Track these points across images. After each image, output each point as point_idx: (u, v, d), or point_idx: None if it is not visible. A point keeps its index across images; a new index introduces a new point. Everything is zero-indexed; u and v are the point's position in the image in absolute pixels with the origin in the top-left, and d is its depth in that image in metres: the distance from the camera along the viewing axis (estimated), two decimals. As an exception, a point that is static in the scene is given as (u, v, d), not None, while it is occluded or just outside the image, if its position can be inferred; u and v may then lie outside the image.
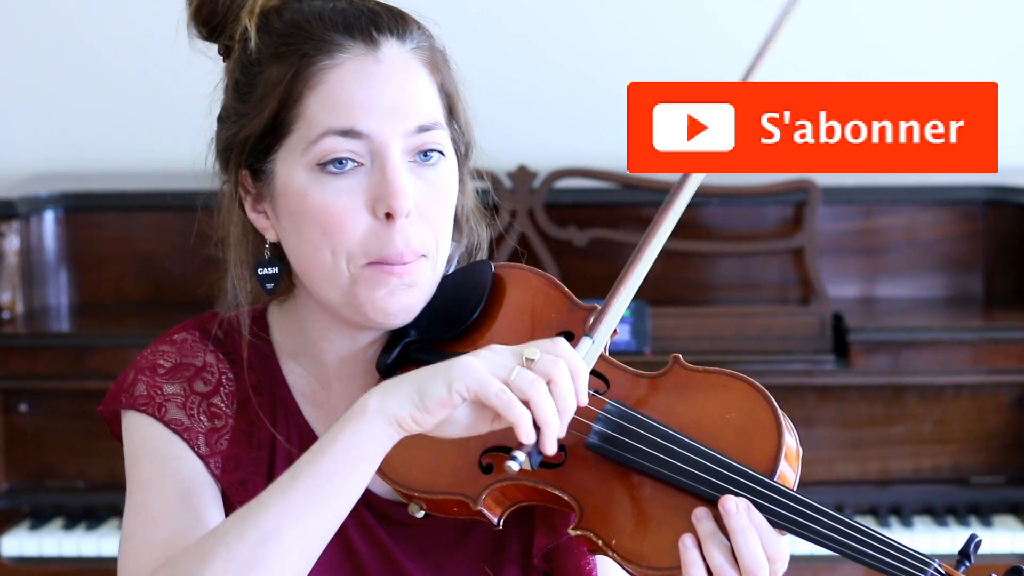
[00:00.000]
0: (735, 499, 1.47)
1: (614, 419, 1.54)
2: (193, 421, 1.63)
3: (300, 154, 1.57)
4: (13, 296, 3.40)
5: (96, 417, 1.76)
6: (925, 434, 3.25)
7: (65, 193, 3.52)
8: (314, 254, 1.58)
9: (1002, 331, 3.26)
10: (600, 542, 1.50)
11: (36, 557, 3.18)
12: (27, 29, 3.78)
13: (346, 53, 1.57)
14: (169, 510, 1.60)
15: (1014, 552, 3.16)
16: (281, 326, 1.70)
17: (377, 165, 1.56)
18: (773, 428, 1.52)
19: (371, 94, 1.56)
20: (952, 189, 3.49)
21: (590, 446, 1.54)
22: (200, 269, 1.81)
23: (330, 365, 1.66)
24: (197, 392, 1.65)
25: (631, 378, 1.59)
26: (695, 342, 3.26)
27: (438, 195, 1.59)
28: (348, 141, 1.55)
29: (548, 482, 1.54)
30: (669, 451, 1.51)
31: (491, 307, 1.65)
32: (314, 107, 1.56)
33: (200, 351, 1.67)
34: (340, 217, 1.55)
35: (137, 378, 1.65)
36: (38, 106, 3.80)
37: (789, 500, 1.48)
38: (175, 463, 1.62)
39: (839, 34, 3.71)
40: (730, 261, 3.46)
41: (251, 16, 1.62)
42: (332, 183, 1.56)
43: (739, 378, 1.56)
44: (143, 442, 1.64)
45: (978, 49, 3.75)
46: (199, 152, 1.73)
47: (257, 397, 1.66)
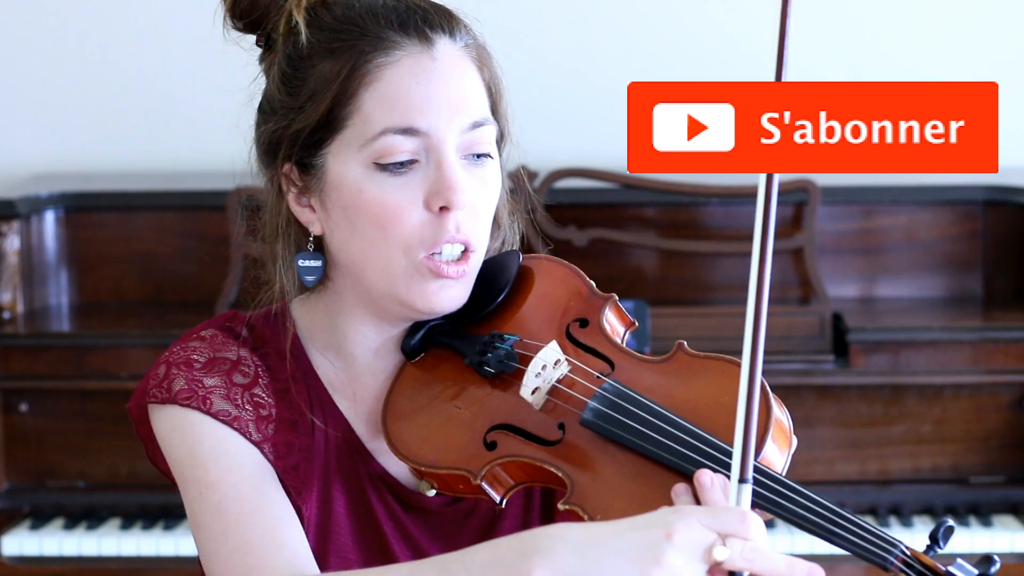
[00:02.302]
0: (711, 473, 1.47)
1: (609, 396, 1.57)
2: (240, 410, 1.64)
3: (356, 150, 1.60)
4: (13, 296, 3.40)
5: (97, 417, 1.76)
6: (924, 434, 3.25)
7: (65, 193, 3.52)
8: (368, 247, 1.61)
9: (1001, 331, 3.26)
10: (586, 517, 1.52)
11: (36, 557, 3.18)
12: (27, 29, 3.78)
13: (402, 51, 1.60)
14: (251, 507, 1.59)
15: (1014, 552, 3.16)
16: (307, 320, 1.72)
17: (433, 162, 1.60)
18: (764, 412, 1.53)
19: (428, 92, 1.59)
20: (952, 189, 3.49)
21: (584, 422, 1.57)
22: (200, 269, 1.81)
23: (360, 357, 1.69)
24: (237, 384, 1.65)
25: (636, 362, 1.63)
26: (695, 342, 3.22)
27: (488, 193, 1.65)
28: (407, 140, 1.59)
29: (546, 459, 1.57)
30: (657, 428, 1.54)
31: (515, 294, 1.71)
32: (370, 104, 1.59)
33: (232, 346, 1.68)
34: (396, 212, 1.59)
35: (171, 373, 1.65)
36: (38, 106, 3.80)
37: (771, 480, 1.48)
38: (238, 458, 1.62)
39: (839, 34, 3.71)
40: (730, 261, 3.46)
41: (300, 9, 1.64)
42: (389, 180, 1.60)
43: (736, 363, 1.57)
44: (199, 441, 1.63)
45: (978, 49, 3.75)
46: (199, 152, 1.74)
47: (296, 386, 1.67)
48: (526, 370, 1.62)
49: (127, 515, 3.24)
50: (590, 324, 1.66)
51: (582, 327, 1.66)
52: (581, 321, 1.66)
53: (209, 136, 3.67)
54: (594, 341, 1.65)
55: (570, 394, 1.60)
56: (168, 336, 3.23)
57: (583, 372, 1.61)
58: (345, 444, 1.68)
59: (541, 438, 1.58)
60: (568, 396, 1.60)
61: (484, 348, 1.64)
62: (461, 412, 1.63)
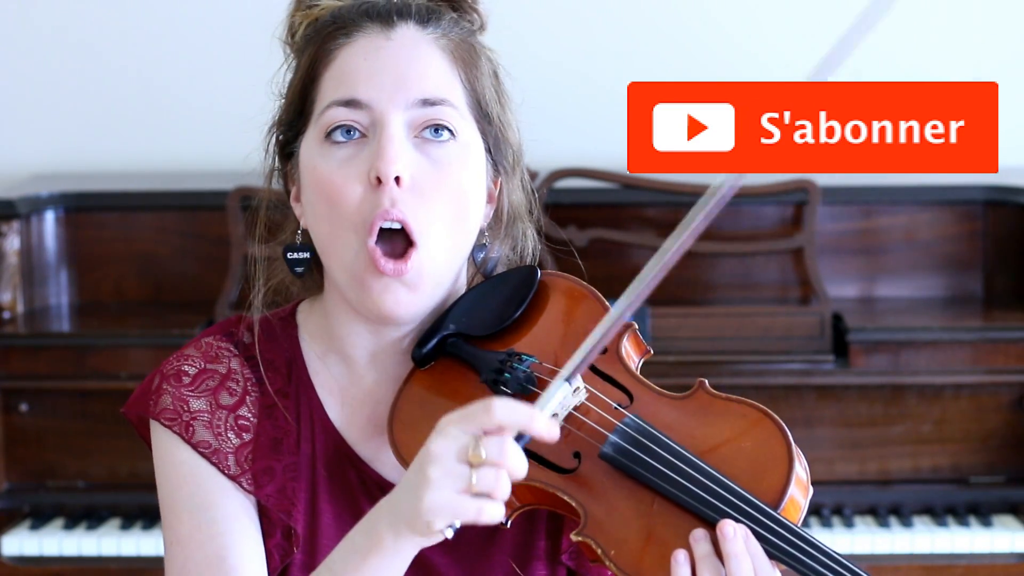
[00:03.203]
0: (734, 524, 1.47)
1: (631, 432, 1.55)
2: (221, 441, 1.64)
3: (312, 129, 1.62)
4: (13, 296, 3.40)
5: (96, 417, 1.76)
6: (925, 434, 3.25)
7: (65, 193, 3.51)
8: (323, 229, 1.61)
9: (1001, 331, 3.26)
10: (600, 551, 1.51)
11: (36, 557, 3.18)
12: (27, 29, 3.78)
13: (361, 32, 1.61)
14: (195, 536, 1.61)
15: (1014, 552, 3.16)
16: (310, 323, 1.71)
17: (375, 134, 1.59)
18: (785, 461, 1.52)
19: (375, 67, 1.59)
20: (952, 189, 3.49)
21: (604, 456, 1.55)
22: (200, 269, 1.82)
23: (359, 360, 1.68)
24: (223, 406, 1.65)
25: (655, 396, 1.60)
26: (695, 342, 3.26)
27: (441, 173, 1.60)
28: (349, 111, 1.58)
29: (558, 486, 1.55)
30: (679, 470, 1.52)
31: (531, 311, 1.68)
32: (326, 83, 1.61)
33: (225, 357, 1.68)
34: (340, 186, 1.58)
35: (162, 387, 1.65)
36: (38, 106, 3.80)
37: (789, 533, 1.48)
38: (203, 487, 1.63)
39: (839, 34, 3.70)
40: (730, 261, 3.46)
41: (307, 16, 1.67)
42: (335, 153, 1.59)
43: (759, 409, 1.57)
44: (173, 465, 1.64)
45: (978, 49, 3.75)
46: (199, 152, 1.75)
47: (283, 400, 1.67)
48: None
49: (127, 515, 3.24)
50: (608, 351, 1.62)
51: (601, 354, 1.61)
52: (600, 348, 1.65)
53: (209, 136, 3.67)
54: (613, 370, 1.62)
55: (589, 424, 1.57)
56: (168, 336, 3.24)
57: (602, 402, 1.59)
58: (335, 454, 1.67)
59: (555, 464, 1.56)
60: (586, 426, 1.57)
61: (501, 367, 1.62)
62: None
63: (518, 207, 1.71)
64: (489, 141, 1.66)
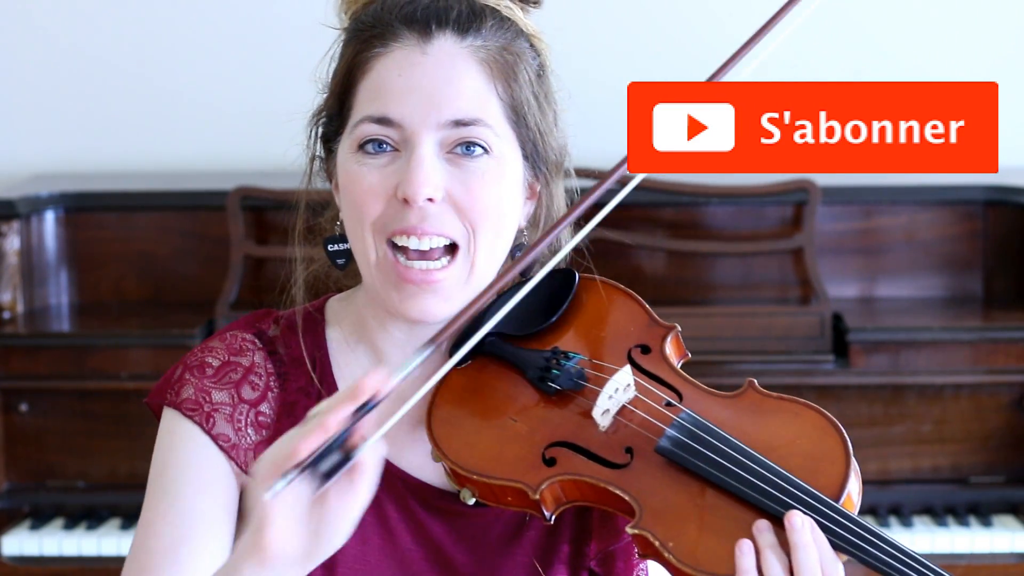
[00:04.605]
0: (801, 515, 1.48)
1: (688, 426, 1.56)
2: (240, 436, 1.64)
3: (347, 135, 1.63)
4: (13, 296, 3.40)
5: (97, 417, 1.76)
6: (924, 434, 3.25)
7: (65, 193, 3.51)
8: (351, 229, 1.63)
9: (1001, 331, 3.26)
10: (657, 543, 1.51)
11: (36, 557, 3.18)
12: (27, 29, 3.78)
13: (398, 42, 1.61)
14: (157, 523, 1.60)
15: (1014, 552, 3.16)
16: (340, 318, 1.71)
17: (407, 152, 1.59)
18: (842, 457, 1.54)
19: (409, 84, 1.59)
20: (952, 189, 3.49)
21: (660, 450, 1.56)
22: (200, 269, 1.82)
23: (390, 355, 1.68)
24: (245, 400, 1.65)
25: (705, 395, 1.62)
26: (695, 342, 3.22)
27: (475, 186, 1.60)
28: (381, 128, 1.60)
29: (611, 481, 1.55)
30: (740, 463, 1.53)
31: (570, 313, 1.70)
32: (361, 93, 1.62)
33: (249, 350, 1.68)
34: (367, 192, 1.60)
35: (184, 377, 1.66)
36: (38, 106, 3.80)
37: (853, 524, 1.49)
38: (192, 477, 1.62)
39: (839, 34, 3.71)
40: (730, 261, 3.46)
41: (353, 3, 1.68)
42: (367, 162, 1.60)
43: (812, 408, 1.58)
44: (173, 449, 1.64)
45: (978, 49, 3.75)
46: (199, 152, 1.75)
47: (304, 400, 1.67)
48: (599, 390, 1.60)
49: (127, 515, 3.23)
50: (652, 352, 1.65)
51: (644, 353, 1.65)
52: (643, 348, 1.66)
53: (209, 136, 3.67)
54: (659, 369, 1.64)
55: (644, 418, 1.58)
56: (168, 336, 3.24)
57: (655, 397, 1.60)
58: None
59: (606, 460, 1.56)
60: (641, 420, 1.58)
61: (548, 364, 1.63)
62: (517, 425, 1.61)
63: (558, 211, 1.72)
64: (527, 147, 1.68)
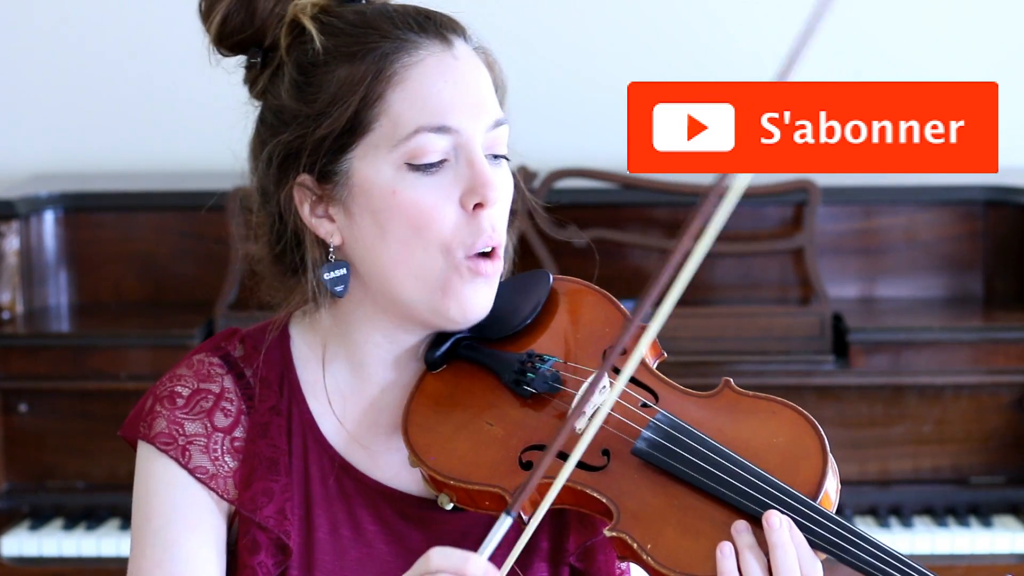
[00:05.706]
0: (779, 515, 1.48)
1: (664, 427, 1.56)
2: (218, 465, 1.64)
3: (386, 151, 1.59)
4: (13, 296, 3.40)
5: (96, 417, 1.76)
6: (925, 434, 3.25)
7: (65, 193, 3.51)
8: (402, 251, 1.59)
9: (1002, 331, 3.26)
10: (636, 545, 1.51)
11: (36, 557, 3.18)
12: (27, 29, 3.78)
13: (425, 51, 1.60)
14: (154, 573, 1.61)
15: (1014, 552, 3.16)
16: (308, 336, 1.70)
17: (463, 160, 1.59)
18: (819, 455, 1.55)
19: (456, 90, 1.59)
20: (952, 189, 3.49)
21: (637, 452, 1.56)
22: (200, 269, 1.81)
23: (370, 367, 1.67)
24: (219, 428, 1.65)
25: (681, 395, 1.62)
26: (695, 342, 3.26)
27: (507, 191, 1.64)
28: (439, 138, 1.58)
29: (588, 484, 1.55)
30: (717, 464, 1.53)
31: (545, 315, 1.69)
32: (399, 104, 1.58)
33: (218, 375, 1.67)
34: (431, 212, 1.58)
35: (155, 409, 1.65)
36: (38, 106, 3.80)
37: (830, 523, 1.49)
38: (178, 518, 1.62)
39: (839, 34, 3.70)
40: (730, 261, 3.46)
41: (307, 18, 1.63)
42: (423, 180, 1.58)
43: (789, 406, 1.59)
44: (154, 490, 1.64)
45: (978, 49, 3.75)
46: (199, 152, 1.73)
47: (276, 419, 1.66)
48: (574, 393, 1.59)
49: (127, 515, 3.23)
50: (627, 353, 1.61)
51: (620, 355, 1.63)
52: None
53: (209, 136, 3.66)
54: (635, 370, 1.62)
55: (619, 420, 1.58)
56: (167, 336, 3.24)
57: (630, 399, 1.60)
58: (330, 466, 1.66)
59: (582, 462, 1.55)
60: (617, 422, 1.58)
61: (523, 367, 1.62)
62: (493, 429, 1.61)
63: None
64: None
